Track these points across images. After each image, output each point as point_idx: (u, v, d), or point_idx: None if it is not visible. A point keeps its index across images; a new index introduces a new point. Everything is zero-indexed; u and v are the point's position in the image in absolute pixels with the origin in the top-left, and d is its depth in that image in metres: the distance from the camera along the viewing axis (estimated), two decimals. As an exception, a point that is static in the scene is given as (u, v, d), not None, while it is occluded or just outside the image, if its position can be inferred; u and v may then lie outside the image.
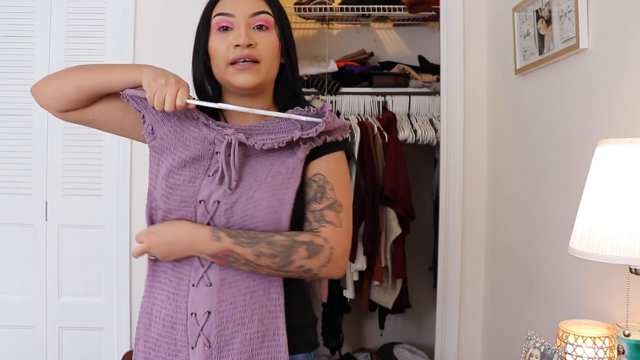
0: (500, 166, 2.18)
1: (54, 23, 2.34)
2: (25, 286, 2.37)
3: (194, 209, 1.02)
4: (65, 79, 1.07)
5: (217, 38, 1.07)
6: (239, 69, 1.04)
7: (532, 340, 1.25)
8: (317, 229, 1.03)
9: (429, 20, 2.93)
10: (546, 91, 1.77)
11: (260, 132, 1.05)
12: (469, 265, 2.34)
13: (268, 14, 1.07)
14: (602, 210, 1.07)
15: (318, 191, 1.05)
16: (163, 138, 1.06)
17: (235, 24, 1.06)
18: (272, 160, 1.03)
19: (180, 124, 1.06)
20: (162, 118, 1.07)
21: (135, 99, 1.07)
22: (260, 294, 1.02)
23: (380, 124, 2.61)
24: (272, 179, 1.00)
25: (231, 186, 1.00)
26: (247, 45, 1.04)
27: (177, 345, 1.02)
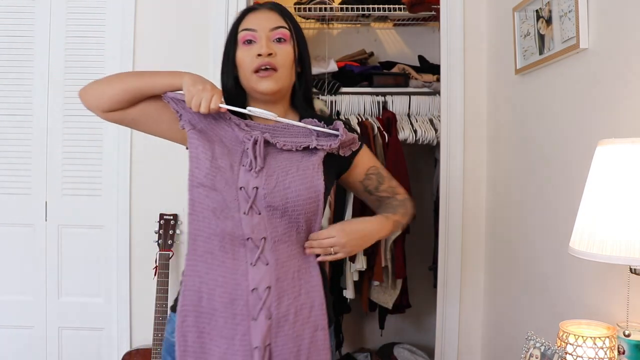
0: (501, 166, 2.18)
1: (53, 23, 2.34)
2: (25, 286, 2.37)
3: (236, 193, 1.15)
4: (113, 82, 1.23)
5: (243, 50, 1.24)
6: (262, 77, 1.21)
7: (532, 341, 1.25)
8: (394, 196, 1.36)
9: (429, 20, 2.93)
10: (546, 91, 1.76)
11: (283, 135, 1.22)
12: (469, 265, 2.34)
13: (285, 28, 1.24)
14: (602, 210, 1.07)
15: (378, 178, 1.35)
16: (202, 131, 1.21)
17: (257, 38, 1.23)
18: (298, 158, 1.20)
19: (216, 123, 1.22)
20: (198, 117, 1.22)
21: (175, 101, 1.23)
22: (304, 272, 1.19)
23: (380, 124, 2.61)
24: (302, 172, 1.17)
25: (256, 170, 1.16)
26: (268, 55, 1.20)
27: (237, 319, 1.13)
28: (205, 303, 1.15)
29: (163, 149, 1.88)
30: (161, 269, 2.23)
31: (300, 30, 1.29)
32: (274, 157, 1.19)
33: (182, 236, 2.36)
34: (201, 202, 1.16)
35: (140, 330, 2.36)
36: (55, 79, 2.34)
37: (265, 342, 1.12)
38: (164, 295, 2.19)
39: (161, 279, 2.21)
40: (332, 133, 1.23)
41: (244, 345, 1.12)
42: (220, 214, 1.15)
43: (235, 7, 2.30)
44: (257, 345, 1.11)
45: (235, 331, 1.13)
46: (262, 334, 1.12)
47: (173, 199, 2.35)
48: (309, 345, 1.16)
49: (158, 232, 2.28)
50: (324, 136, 1.23)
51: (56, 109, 2.34)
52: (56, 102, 2.34)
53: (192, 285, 1.17)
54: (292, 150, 1.20)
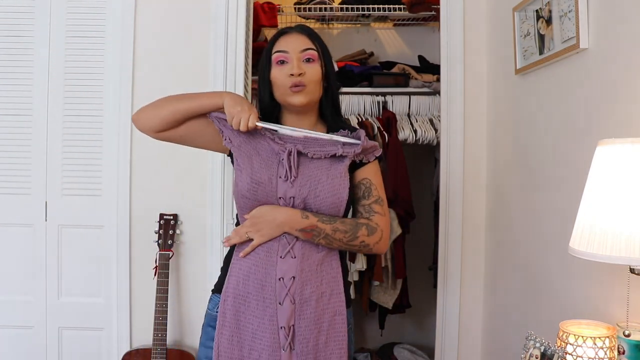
0: (500, 166, 2.18)
1: (53, 23, 2.34)
2: (25, 286, 2.37)
3: (276, 202, 1.35)
4: (162, 106, 1.40)
5: (276, 70, 1.41)
6: (294, 92, 1.38)
7: (532, 340, 1.25)
8: (368, 217, 1.39)
9: (429, 20, 2.93)
10: (546, 91, 1.76)
11: (312, 145, 1.38)
12: (469, 265, 2.34)
13: (313, 49, 1.41)
14: (602, 210, 1.07)
15: (365, 191, 1.42)
16: (241, 146, 1.40)
17: (289, 59, 1.40)
18: (327, 166, 1.37)
19: (253, 138, 1.40)
20: (237, 133, 1.40)
21: (218, 119, 1.42)
22: (326, 265, 1.36)
23: (380, 124, 2.61)
24: (331, 180, 1.35)
25: (291, 180, 1.34)
26: (299, 74, 1.37)
27: (266, 302, 1.32)
28: (242, 287, 1.34)
29: (163, 149, 1.88)
30: (161, 269, 2.23)
31: (327, 50, 1.45)
32: (306, 166, 1.37)
33: (182, 236, 2.36)
34: (247, 207, 1.37)
35: (140, 330, 2.36)
36: (55, 79, 2.34)
37: (290, 323, 1.31)
38: (164, 295, 2.19)
39: (161, 279, 2.21)
40: (354, 143, 1.39)
41: (272, 325, 1.31)
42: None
43: (235, 7, 2.30)
44: (283, 325, 1.30)
45: (265, 312, 1.31)
46: (286, 316, 1.31)
47: (173, 199, 2.35)
48: (328, 327, 1.33)
49: (158, 232, 2.28)
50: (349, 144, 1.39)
51: (56, 109, 2.34)
52: (56, 102, 2.34)
53: (235, 271, 1.36)
54: (321, 158, 1.37)
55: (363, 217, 1.40)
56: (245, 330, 1.33)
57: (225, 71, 2.31)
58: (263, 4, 2.84)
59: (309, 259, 1.34)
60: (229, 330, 1.34)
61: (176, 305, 2.36)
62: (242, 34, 2.32)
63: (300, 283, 1.32)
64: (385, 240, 1.40)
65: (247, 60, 2.38)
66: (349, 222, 1.36)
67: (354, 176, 1.43)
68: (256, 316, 1.32)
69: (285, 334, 1.30)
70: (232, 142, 1.41)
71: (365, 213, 1.40)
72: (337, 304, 1.36)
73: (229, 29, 2.31)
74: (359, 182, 1.43)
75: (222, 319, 1.35)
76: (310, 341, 1.31)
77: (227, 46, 2.31)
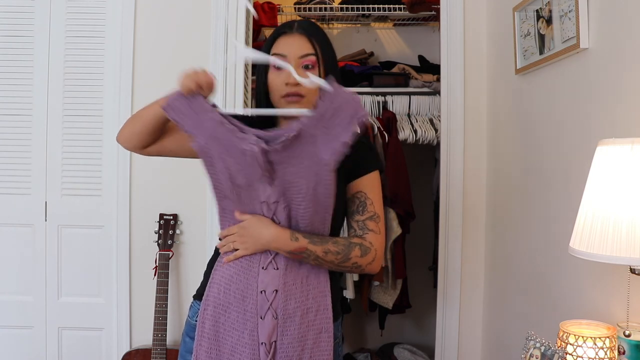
0: (501, 166, 2.18)
1: (53, 23, 2.34)
2: (24, 286, 2.37)
3: (260, 206, 1.24)
4: (134, 121, 1.32)
5: (273, 73, 1.30)
6: (289, 101, 1.28)
7: (532, 341, 1.25)
8: (362, 235, 1.29)
9: (429, 20, 2.93)
10: (546, 91, 1.76)
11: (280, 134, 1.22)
12: (469, 265, 2.34)
13: (313, 55, 1.29)
14: (602, 210, 1.07)
15: (360, 205, 1.30)
16: (208, 143, 1.23)
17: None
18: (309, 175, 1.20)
19: (217, 133, 1.22)
20: (198, 126, 1.23)
21: (172, 108, 1.24)
22: (313, 278, 1.26)
23: (380, 124, 2.61)
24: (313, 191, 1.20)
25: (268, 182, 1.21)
26: (295, 84, 1.25)
27: (247, 315, 1.23)
28: (222, 296, 1.26)
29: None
30: (161, 269, 2.23)
31: (330, 53, 1.34)
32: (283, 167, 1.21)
33: (182, 236, 2.36)
34: (231, 210, 1.26)
35: (140, 330, 2.36)
36: (55, 79, 2.34)
37: (271, 339, 1.22)
38: (164, 295, 2.19)
39: (161, 279, 2.21)
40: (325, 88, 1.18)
41: (252, 340, 1.22)
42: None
43: (235, 7, 2.30)
44: (264, 341, 1.21)
45: (245, 326, 1.23)
46: (267, 332, 1.22)
47: (173, 199, 2.35)
48: (312, 345, 1.24)
49: (158, 232, 2.28)
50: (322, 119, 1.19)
51: (56, 109, 2.34)
52: (56, 102, 2.34)
53: (217, 279, 1.28)
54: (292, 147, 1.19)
55: (356, 236, 1.29)
56: (224, 344, 1.24)
57: (225, 71, 2.31)
58: (263, 4, 2.84)
59: (293, 271, 1.24)
60: (208, 342, 1.25)
61: (176, 305, 2.36)
62: (242, 34, 2.32)
63: (284, 297, 1.22)
64: (378, 260, 1.29)
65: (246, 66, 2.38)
66: (342, 242, 1.25)
67: (348, 188, 1.32)
68: (236, 329, 1.24)
69: (265, 351, 1.21)
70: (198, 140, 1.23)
71: (358, 230, 1.29)
72: (323, 320, 1.26)
73: (229, 29, 2.31)
74: (353, 195, 1.31)
75: (201, 329, 1.26)
76: (293, 359, 1.22)
77: (227, 46, 2.31)
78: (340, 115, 1.17)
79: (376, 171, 1.34)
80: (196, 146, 1.23)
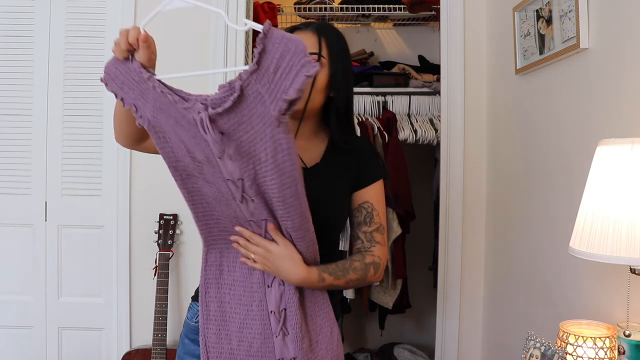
0: (501, 166, 2.18)
1: (53, 23, 2.34)
2: (24, 286, 2.37)
3: (226, 185, 1.11)
4: (114, 117, 1.30)
5: None
6: None
7: (532, 341, 1.25)
8: (369, 248, 1.28)
9: (429, 20, 2.93)
10: (546, 91, 1.76)
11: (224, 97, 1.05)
12: (469, 265, 2.34)
13: (315, 54, 1.23)
14: (602, 210, 1.07)
15: (367, 216, 1.29)
16: (156, 117, 1.09)
17: None
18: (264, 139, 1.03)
19: (162, 104, 1.06)
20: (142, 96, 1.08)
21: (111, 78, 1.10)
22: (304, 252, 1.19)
23: (380, 124, 2.61)
24: (272, 159, 1.04)
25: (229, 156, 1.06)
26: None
27: (254, 287, 1.20)
28: (227, 275, 1.23)
29: (163, 149, 1.88)
30: (161, 269, 2.23)
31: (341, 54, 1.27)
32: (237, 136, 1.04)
33: (182, 236, 2.36)
34: (199, 190, 1.16)
35: (140, 330, 2.36)
36: (55, 79, 2.34)
37: (280, 307, 1.19)
38: (164, 295, 2.19)
39: (161, 279, 2.21)
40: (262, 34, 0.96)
41: (262, 311, 1.19)
42: (220, 202, 1.16)
43: (235, 8, 2.30)
44: (273, 309, 1.19)
45: (253, 298, 1.20)
46: (276, 300, 1.19)
47: (173, 199, 2.35)
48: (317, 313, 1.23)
49: (158, 232, 2.28)
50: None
51: (56, 109, 2.34)
52: (56, 102, 2.34)
53: (214, 260, 1.24)
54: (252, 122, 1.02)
55: (365, 250, 1.28)
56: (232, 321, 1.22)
57: (225, 71, 2.31)
58: (263, 4, 2.84)
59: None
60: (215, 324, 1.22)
61: (176, 305, 2.36)
62: (242, 34, 2.32)
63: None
64: (383, 271, 1.30)
65: (247, 60, 2.38)
66: (359, 267, 1.24)
67: (354, 196, 1.31)
68: (243, 304, 1.21)
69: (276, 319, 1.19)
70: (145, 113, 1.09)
71: (366, 242, 1.29)
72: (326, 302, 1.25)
73: (229, 28, 2.31)
74: (359, 205, 1.30)
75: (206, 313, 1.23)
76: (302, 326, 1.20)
77: (227, 46, 2.31)
78: (284, 66, 0.96)
79: (381, 180, 1.33)
80: (144, 121, 1.09)
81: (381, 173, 1.33)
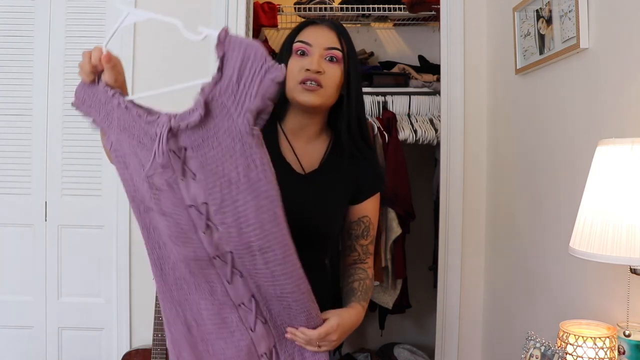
0: (501, 166, 2.18)
1: (53, 23, 2.34)
2: (24, 286, 2.37)
3: (187, 213, 0.97)
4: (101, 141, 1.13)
5: (294, 60, 1.23)
6: (306, 89, 1.20)
7: (532, 341, 1.25)
8: (365, 260, 1.32)
9: (429, 20, 2.93)
10: (546, 91, 1.76)
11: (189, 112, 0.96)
12: (469, 265, 2.34)
13: (339, 50, 1.23)
14: (602, 210, 1.07)
15: (365, 230, 1.32)
16: (118, 139, 1.01)
17: (311, 52, 1.22)
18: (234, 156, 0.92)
19: (125, 122, 0.98)
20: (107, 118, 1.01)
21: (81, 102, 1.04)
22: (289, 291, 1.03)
23: (380, 124, 2.61)
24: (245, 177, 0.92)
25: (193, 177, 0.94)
26: (317, 72, 1.20)
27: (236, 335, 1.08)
28: (197, 331, 1.09)
29: (163, 149, 1.88)
30: (161, 269, 2.22)
31: (354, 55, 1.27)
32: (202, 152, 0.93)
33: (182, 236, 2.36)
34: (155, 227, 1.03)
35: (140, 330, 2.36)
36: (55, 79, 2.34)
37: (270, 346, 1.10)
38: (164, 295, 2.19)
39: (161, 279, 2.21)
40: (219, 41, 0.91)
41: (252, 357, 1.09)
42: (177, 240, 1.00)
43: (235, 7, 2.30)
44: (264, 351, 1.10)
45: (239, 348, 1.08)
46: (265, 341, 1.09)
47: (173, 199, 2.35)
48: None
49: (158, 232, 2.28)
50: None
51: (56, 109, 2.34)
52: (56, 102, 2.34)
53: (176, 316, 1.09)
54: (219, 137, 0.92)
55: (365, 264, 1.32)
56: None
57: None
58: (263, 4, 2.84)
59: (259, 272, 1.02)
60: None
61: (176, 305, 2.36)
62: (242, 34, 2.32)
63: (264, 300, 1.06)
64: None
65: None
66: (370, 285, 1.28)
67: (353, 209, 1.32)
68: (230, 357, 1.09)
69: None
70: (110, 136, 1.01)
71: (362, 254, 1.32)
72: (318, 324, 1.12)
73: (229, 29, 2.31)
74: (359, 219, 1.32)
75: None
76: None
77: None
78: (247, 75, 0.88)
79: (378, 193, 1.34)
80: (108, 144, 1.03)
81: (379, 186, 1.34)
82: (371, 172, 1.33)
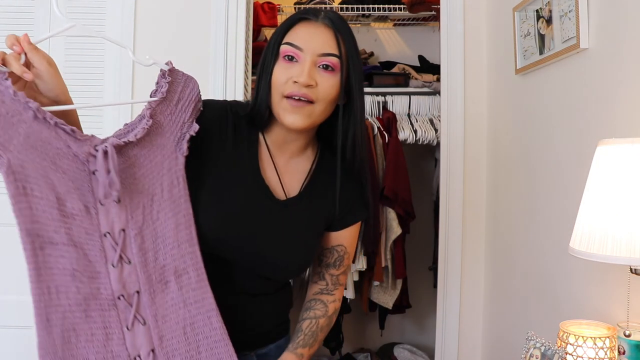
0: (501, 166, 2.18)
1: (54, 23, 2.34)
2: (24, 286, 2.35)
3: (100, 243, 0.90)
4: None
5: (280, 66, 1.04)
6: (292, 106, 1.02)
7: (532, 341, 1.25)
8: (332, 291, 1.21)
9: (429, 20, 2.94)
10: (546, 91, 1.76)
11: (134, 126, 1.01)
12: (469, 265, 2.34)
13: (337, 57, 1.03)
14: (602, 210, 1.07)
15: (338, 259, 1.20)
16: (21, 159, 0.85)
17: (301, 58, 1.03)
18: (161, 172, 0.96)
19: (37, 139, 0.86)
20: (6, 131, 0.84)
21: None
22: (201, 325, 0.97)
23: (380, 124, 2.61)
24: (169, 193, 0.96)
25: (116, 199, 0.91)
26: (307, 85, 1.01)
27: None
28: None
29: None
30: (161, 269, 2.22)
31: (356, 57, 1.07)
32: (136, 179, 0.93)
33: (182, 236, 2.36)
34: (50, 268, 0.90)
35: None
36: (55, 79, 2.34)
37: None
38: (164, 295, 2.18)
39: (161, 279, 2.20)
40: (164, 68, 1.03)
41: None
42: (82, 275, 0.89)
43: (235, 7, 2.30)
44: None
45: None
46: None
47: (173, 199, 2.35)
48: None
49: (158, 232, 2.28)
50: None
51: (56, 109, 2.34)
52: (56, 102, 2.34)
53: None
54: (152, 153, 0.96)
55: (330, 296, 1.20)
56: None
57: (225, 71, 2.31)
58: (263, 4, 2.84)
59: (166, 321, 0.94)
60: None
61: (176, 305, 2.36)
62: (242, 34, 2.32)
63: (166, 357, 0.93)
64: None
65: (247, 60, 2.38)
66: (326, 323, 1.17)
67: (328, 236, 1.19)
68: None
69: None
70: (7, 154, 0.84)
71: (330, 285, 1.20)
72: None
73: (229, 29, 2.31)
74: (332, 247, 1.19)
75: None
76: None
77: (227, 46, 2.31)
78: (183, 99, 1.04)
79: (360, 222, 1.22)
80: (1, 163, 0.84)
81: (362, 215, 1.21)
82: (357, 197, 1.19)
